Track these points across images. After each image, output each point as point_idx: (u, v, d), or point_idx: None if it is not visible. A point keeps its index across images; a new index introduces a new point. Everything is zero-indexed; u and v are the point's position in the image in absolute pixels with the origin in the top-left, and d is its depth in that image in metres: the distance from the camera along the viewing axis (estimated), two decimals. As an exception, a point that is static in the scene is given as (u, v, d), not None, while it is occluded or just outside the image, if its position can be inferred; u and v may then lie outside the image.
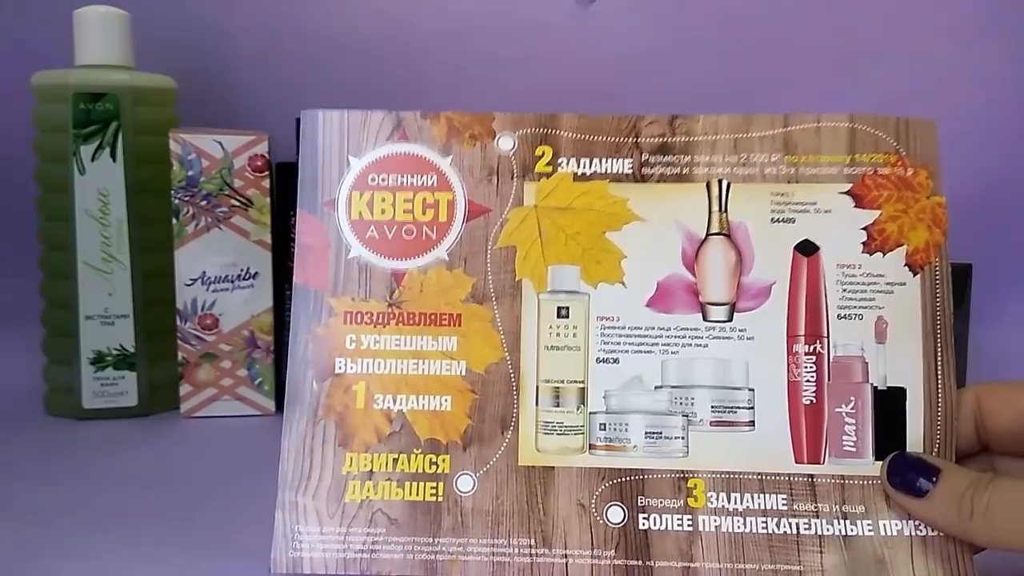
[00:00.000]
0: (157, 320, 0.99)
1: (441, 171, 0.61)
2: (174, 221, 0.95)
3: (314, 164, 0.62)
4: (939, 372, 0.58)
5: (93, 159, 0.95)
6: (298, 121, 0.93)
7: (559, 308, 0.59)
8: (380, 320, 0.60)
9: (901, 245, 0.59)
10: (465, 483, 0.58)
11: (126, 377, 0.98)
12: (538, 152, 0.61)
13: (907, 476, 0.55)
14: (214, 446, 0.91)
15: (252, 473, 0.81)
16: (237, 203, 0.96)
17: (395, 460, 0.58)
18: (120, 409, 0.99)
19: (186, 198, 0.95)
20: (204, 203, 0.96)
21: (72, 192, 0.95)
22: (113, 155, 0.95)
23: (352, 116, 0.62)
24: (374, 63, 1.18)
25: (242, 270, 0.97)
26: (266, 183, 0.97)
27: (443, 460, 0.58)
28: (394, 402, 0.59)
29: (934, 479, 0.54)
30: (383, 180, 0.61)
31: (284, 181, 0.99)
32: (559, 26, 1.18)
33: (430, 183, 0.61)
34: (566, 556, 0.56)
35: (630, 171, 0.60)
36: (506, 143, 0.61)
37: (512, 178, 0.61)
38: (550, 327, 0.59)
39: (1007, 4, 1.16)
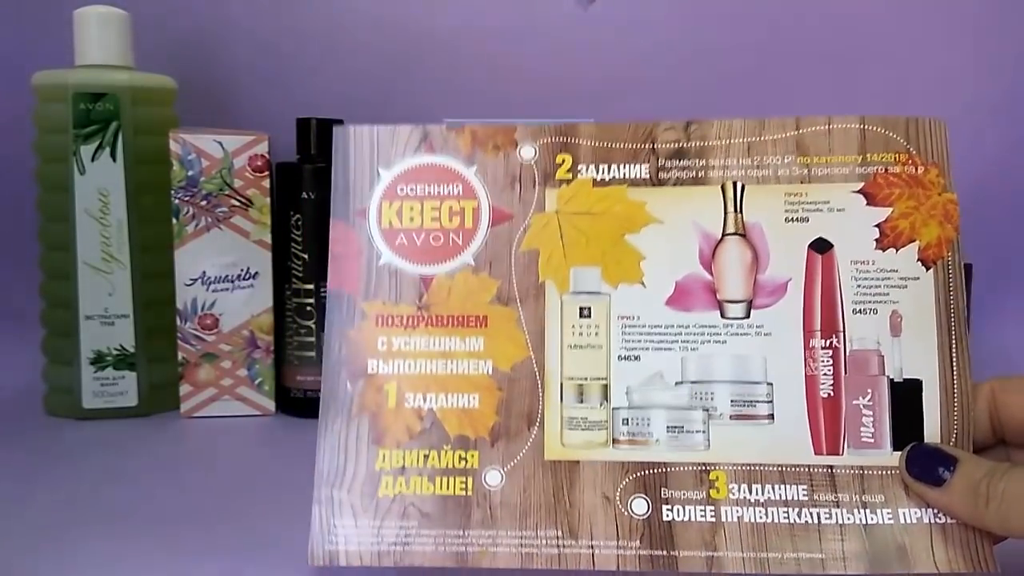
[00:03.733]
0: (157, 320, 1.00)
1: (466, 180, 0.63)
2: (174, 221, 0.96)
3: (346, 176, 0.63)
4: (954, 364, 0.59)
5: (93, 159, 0.95)
6: (298, 121, 0.95)
7: (581, 308, 0.61)
8: (410, 323, 0.61)
9: (913, 241, 0.60)
10: (493, 477, 0.59)
11: (126, 377, 0.99)
12: (558, 160, 0.62)
13: (925, 466, 0.56)
14: (214, 446, 0.91)
15: (252, 473, 0.83)
16: (237, 203, 0.96)
17: (426, 456, 0.59)
18: (120, 409, 0.99)
19: (186, 198, 0.95)
20: (204, 203, 0.96)
21: (72, 192, 0.95)
22: (113, 155, 0.95)
23: (381, 130, 0.63)
24: (374, 63, 1.18)
25: (242, 270, 0.98)
26: (266, 183, 0.97)
27: (472, 456, 0.59)
28: (424, 400, 0.60)
29: (951, 468, 0.55)
30: (411, 190, 0.63)
31: (284, 181, 0.99)
32: (558, 27, 1.19)
33: (456, 192, 0.62)
34: (592, 547, 0.57)
35: (647, 176, 0.62)
36: (527, 152, 0.63)
37: (534, 185, 0.62)
38: (573, 326, 0.61)
39: (1008, 4, 1.17)
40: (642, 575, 0.57)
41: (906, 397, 0.59)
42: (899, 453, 0.58)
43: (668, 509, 0.58)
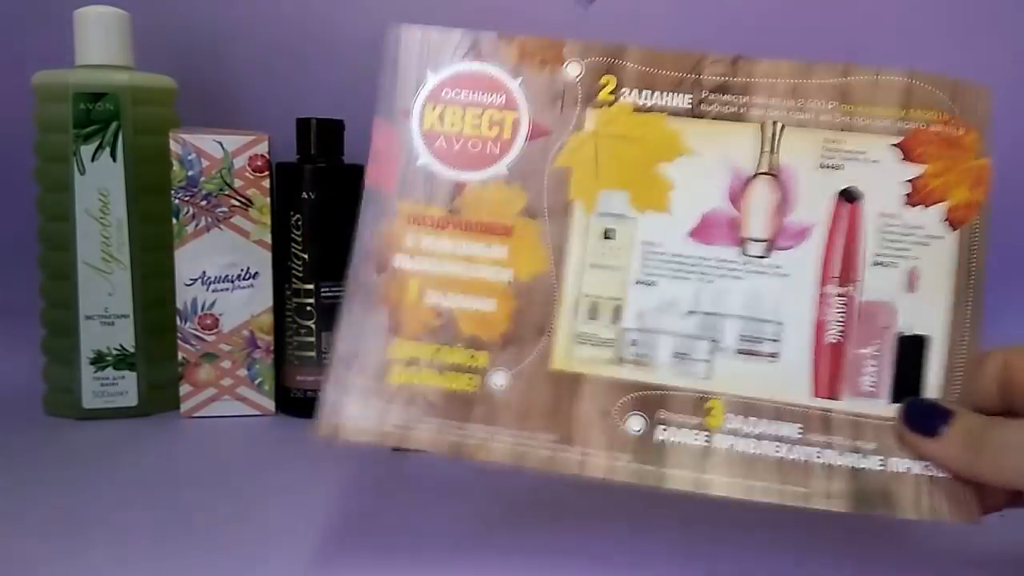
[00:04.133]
0: (157, 320, 1.00)
1: (510, 91, 0.63)
2: (174, 221, 0.96)
3: (393, 75, 0.65)
4: (965, 326, 0.60)
5: (93, 159, 0.95)
6: (298, 121, 0.95)
7: (606, 230, 0.62)
8: (439, 224, 0.62)
9: (943, 200, 0.61)
10: (499, 379, 0.60)
11: (126, 377, 0.99)
12: (602, 81, 0.63)
13: (921, 417, 0.57)
14: (214, 446, 0.91)
15: (253, 473, 0.83)
16: (237, 203, 0.97)
17: (437, 350, 0.61)
18: (120, 409, 0.99)
19: (186, 198, 0.96)
20: (204, 203, 0.96)
21: (72, 192, 0.96)
22: (113, 155, 0.96)
23: (433, 32, 0.66)
24: (374, 63, 1.19)
25: (242, 270, 0.98)
26: (266, 183, 0.98)
27: (481, 356, 0.61)
28: (443, 299, 0.62)
29: (947, 421, 0.56)
30: (455, 95, 0.64)
31: (284, 181, 1.00)
32: (558, 26, 1.20)
33: (499, 102, 0.63)
34: (584, 454, 0.59)
35: (688, 106, 0.62)
36: (573, 69, 0.63)
37: (575, 104, 0.63)
38: (596, 246, 0.62)
39: (1008, 4, 1.19)
40: (628, 488, 0.59)
41: (911, 352, 0.59)
42: (897, 405, 0.59)
43: (663, 430, 0.59)
